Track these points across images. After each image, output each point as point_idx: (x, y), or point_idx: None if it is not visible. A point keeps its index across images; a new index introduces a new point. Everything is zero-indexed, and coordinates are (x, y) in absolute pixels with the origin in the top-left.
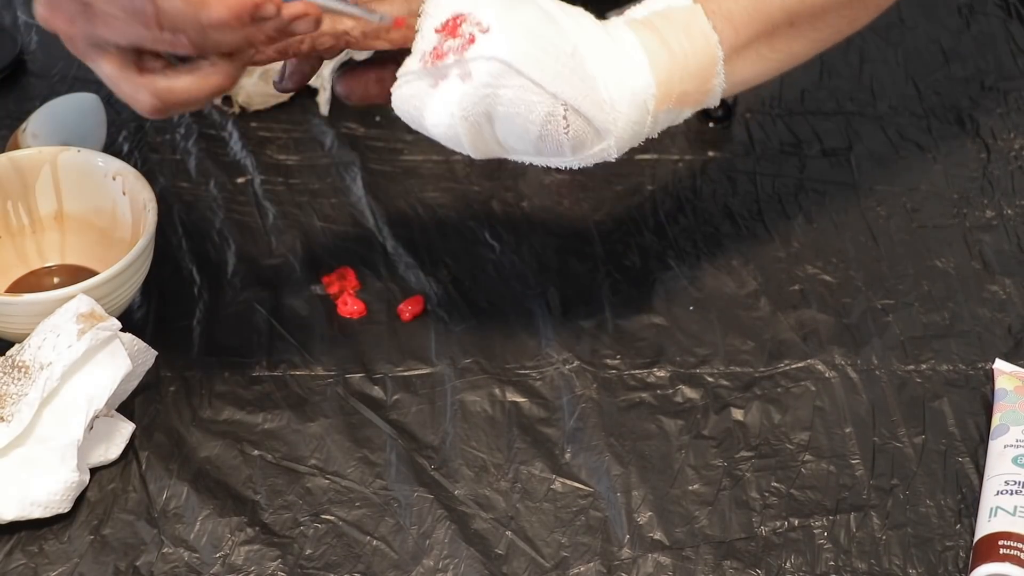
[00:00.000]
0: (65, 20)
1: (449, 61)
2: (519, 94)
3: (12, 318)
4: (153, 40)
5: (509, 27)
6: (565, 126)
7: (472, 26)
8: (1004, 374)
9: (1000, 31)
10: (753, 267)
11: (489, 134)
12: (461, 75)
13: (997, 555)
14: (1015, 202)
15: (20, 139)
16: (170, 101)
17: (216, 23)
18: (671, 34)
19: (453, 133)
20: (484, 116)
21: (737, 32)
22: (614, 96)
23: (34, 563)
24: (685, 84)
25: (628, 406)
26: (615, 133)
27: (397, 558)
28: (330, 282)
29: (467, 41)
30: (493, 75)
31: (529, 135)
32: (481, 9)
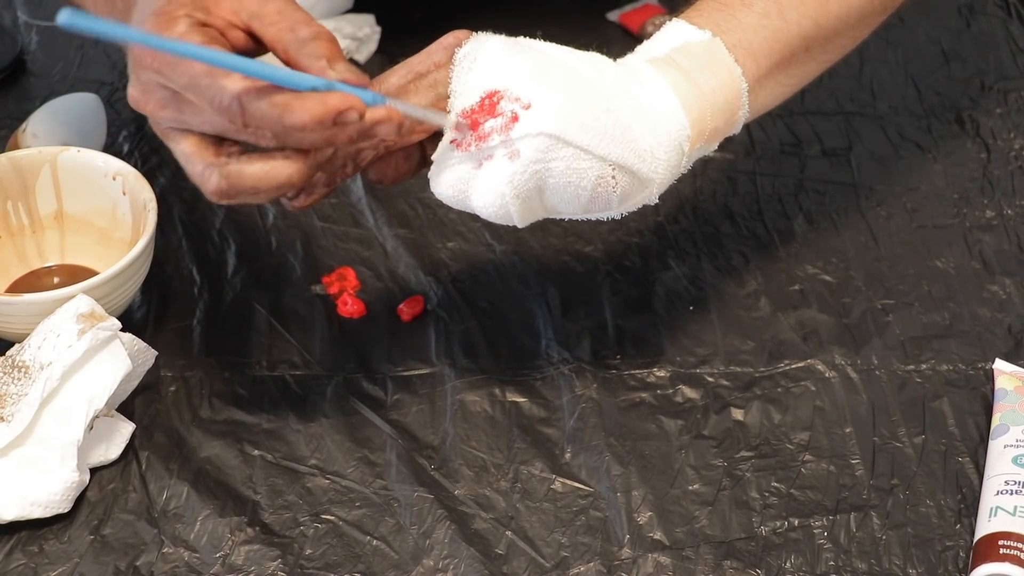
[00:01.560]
0: (156, 104)
1: (494, 142)
2: (570, 164)
3: (12, 318)
4: (236, 133)
5: (550, 99)
6: (614, 185)
7: (511, 103)
8: (1004, 374)
9: (1000, 31)
10: (753, 267)
11: (538, 205)
12: (509, 154)
13: (997, 555)
14: (1015, 202)
15: (20, 139)
16: (238, 186)
17: (299, 127)
18: (697, 71)
19: (504, 212)
20: (535, 190)
21: (758, 63)
22: (652, 144)
23: (34, 563)
24: (716, 120)
25: (628, 406)
26: (657, 181)
27: (397, 558)
28: (330, 282)
29: (510, 120)
30: (543, 150)
31: (580, 200)
32: (516, 84)
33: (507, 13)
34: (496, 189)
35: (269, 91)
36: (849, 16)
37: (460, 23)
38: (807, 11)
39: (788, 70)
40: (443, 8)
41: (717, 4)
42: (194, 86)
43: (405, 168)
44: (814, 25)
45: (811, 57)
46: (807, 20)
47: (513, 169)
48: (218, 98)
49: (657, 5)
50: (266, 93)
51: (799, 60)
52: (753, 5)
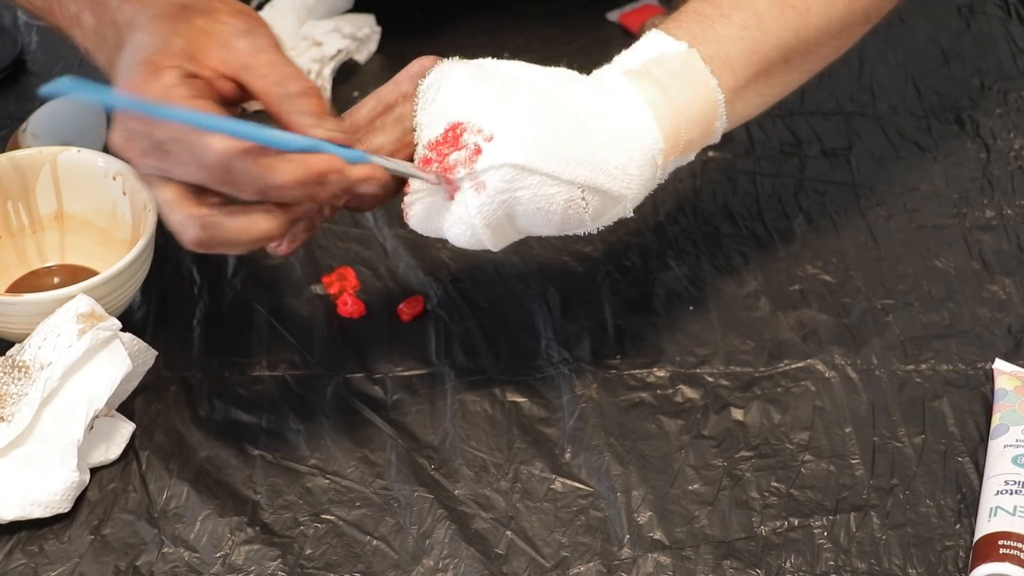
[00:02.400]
0: (138, 152)
1: (460, 175)
2: (537, 191)
3: (12, 318)
4: (219, 186)
5: (512, 128)
6: (584, 205)
7: (474, 135)
8: (1004, 374)
9: (1000, 31)
10: (753, 267)
11: (511, 229)
12: (475, 186)
13: (997, 555)
14: (1015, 202)
15: (20, 139)
16: (217, 238)
17: (281, 187)
18: (672, 84)
19: (476, 240)
20: (505, 218)
21: (736, 75)
22: (624, 161)
23: (34, 563)
24: (690, 132)
25: (628, 406)
26: (630, 196)
27: (397, 558)
28: (330, 282)
29: (473, 152)
30: (508, 180)
31: (552, 222)
32: (478, 115)
33: (507, 13)
34: (466, 220)
35: (254, 151)
36: (831, 27)
37: (460, 23)
38: (787, 23)
39: (767, 80)
40: (443, 8)
41: (696, 15)
42: (178, 141)
43: (382, 195)
44: (793, 36)
45: (792, 67)
46: (786, 32)
47: (480, 201)
48: (203, 156)
49: (657, 5)
50: (250, 154)
51: (779, 71)
52: (731, 16)
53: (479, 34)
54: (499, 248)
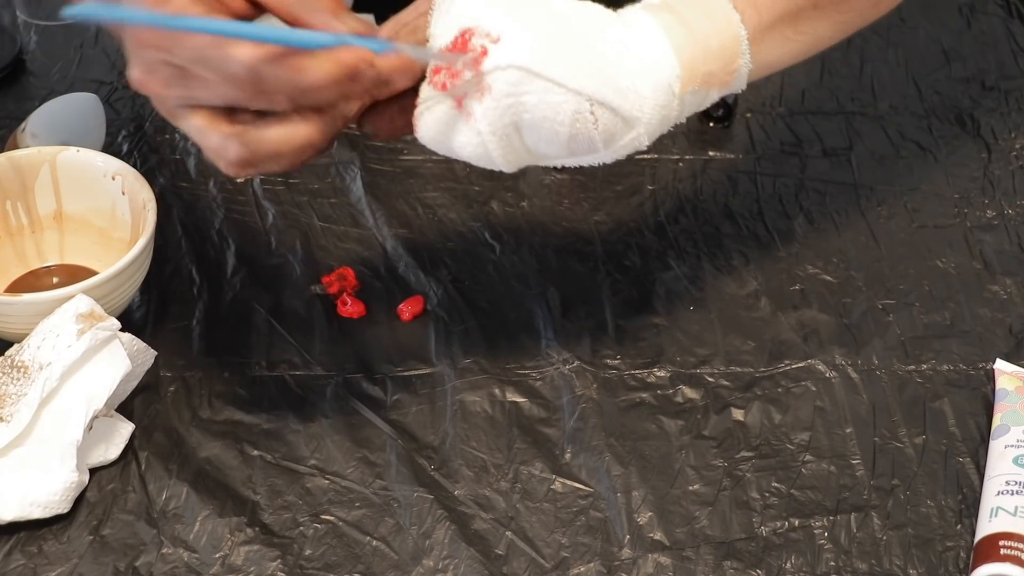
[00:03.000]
0: (161, 83)
1: (467, 77)
2: (542, 97)
3: (11, 318)
4: (250, 101)
5: (519, 32)
6: (594, 121)
7: (481, 38)
8: (1005, 374)
9: (1001, 31)
10: (753, 267)
11: (519, 144)
12: (480, 89)
13: (998, 555)
14: (1016, 202)
15: (19, 139)
16: (260, 152)
17: (315, 87)
18: (690, 15)
19: (483, 151)
20: (512, 127)
21: (760, 13)
22: (637, 82)
23: (33, 563)
24: (709, 64)
25: (628, 406)
26: (644, 120)
27: (397, 558)
28: (330, 282)
29: (479, 54)
30: (512, 83)
31: (559, 137)
32: (487, 20)
33: None
34: (473, 128)
35: (280, 55)
36: None
37: None
38: None
39: (796, 25)
40: None
41: None
42: (202, 59)
43: (401, 121)
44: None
45: (823, 15)
46: None
47: (486, 105)
48: (230, 69)
49: None
50: (278, 58)
51: (808, 16)
52: None
53: None
54: (511, 168)
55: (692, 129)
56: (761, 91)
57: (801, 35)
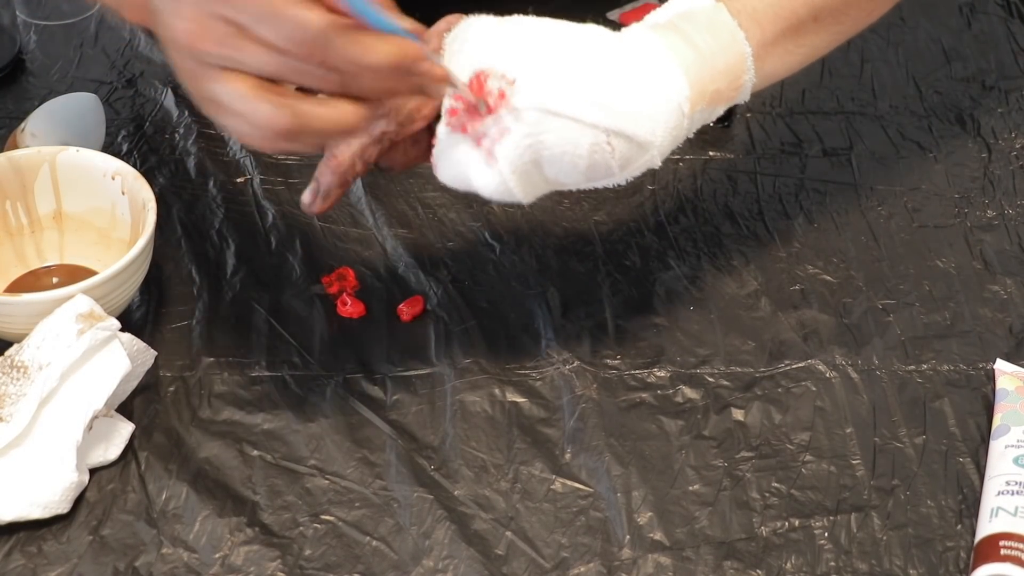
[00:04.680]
0: (214, 40)
1: (486, 121)
2: (562, 134)
3: (11, 318)
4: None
5: (535, 72)
6: (611, 150)
7: (497, 80)
8: (1005, 374)
9: (1001, 30)
10: (754, 267)
11: (538, 178)
12: (500, 131)
13: (998, 556)
14: (1016, 202)
15: (19, 139)
16: (308, 126)
17: (376, 66)
18: (696, 34)
19: (504, 188)
20: (532, 163)
21: (763, 29)
22: (650, 108)
23: (33, 564)
24: (717, 82)
25: (628, 406)
26: (656, 143)
27: (397, 558)
28: (330, 282)
29: (497, 97)
30: (532, 124)
31: (578, 168)
32: (501, 61)
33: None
34: (493, 167)
35: (352, 29)
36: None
37: None
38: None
39: (797, 39)
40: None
41: None
42: (271, 17)
43: (414, 153)
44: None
45: (821, 27)
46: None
47: (507, 145)
48: (300, 32)
49: (657, 4)
50: (349, 31)
51: (808, 29)
52: None
53: None
54: (529, 200)
55: None
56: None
57: (801, 47)
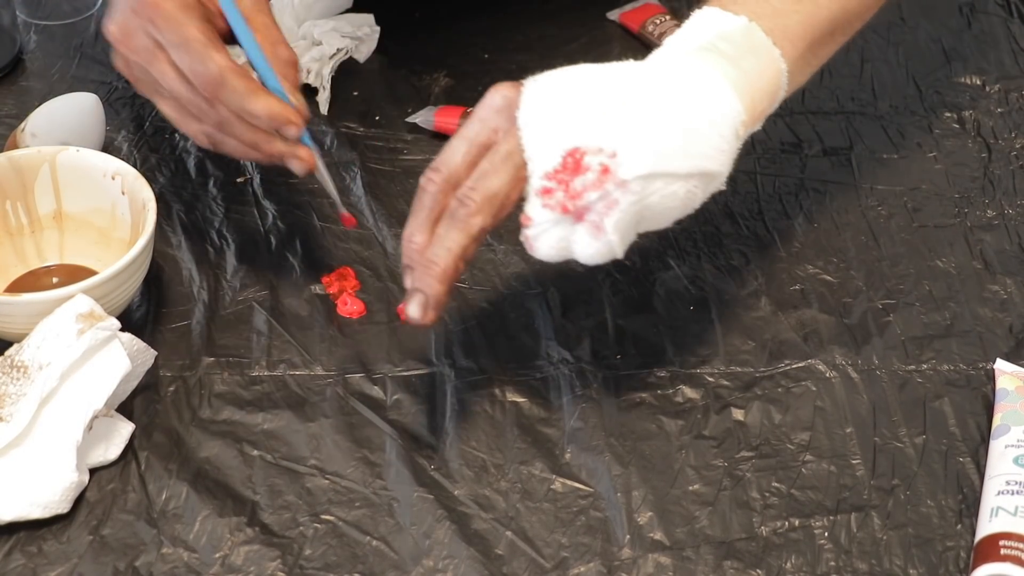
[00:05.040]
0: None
1: (592, 198)
2: (663, 192)
3: (11, 318)
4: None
5: (632, 141)
6: (697, 192)
7: (596, 156)
8: (1005, 374)
9: (1001, 30)
10: (754, 267)
11: (633, 234)
12: (607, 204)
13: (998, 555)
14: (1016, 202)
15: (19, 139)
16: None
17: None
18: (741, 57)
19: (608, 252)
20: (634, 224)
21: (794, 46)
22: (717, 140)
23: (33, 563)
24: (763, 102)
25: (628, 406)
26: (725, 172)
27: (397, 558)
28: (330, 282)
29: (601, 172)
30: (639, 192)
31: (673, 215)
32: (594, 136)
33: (507, 13)
34: (600, 238)
35: (246, 78)
36: None
37: (460, 23)
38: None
39: (817, 52)
40: (443, 8)
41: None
42: (183, 46)
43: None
44: (841, 9)
45: (834, 39)
46: (836, 4)
47: (616, 217)
48: (202, 66)
49: (657, 4)
50: (243, 79)
51: (826, 42)
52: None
53: (479, 34)
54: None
55: None
56: None
57: (818, 59)
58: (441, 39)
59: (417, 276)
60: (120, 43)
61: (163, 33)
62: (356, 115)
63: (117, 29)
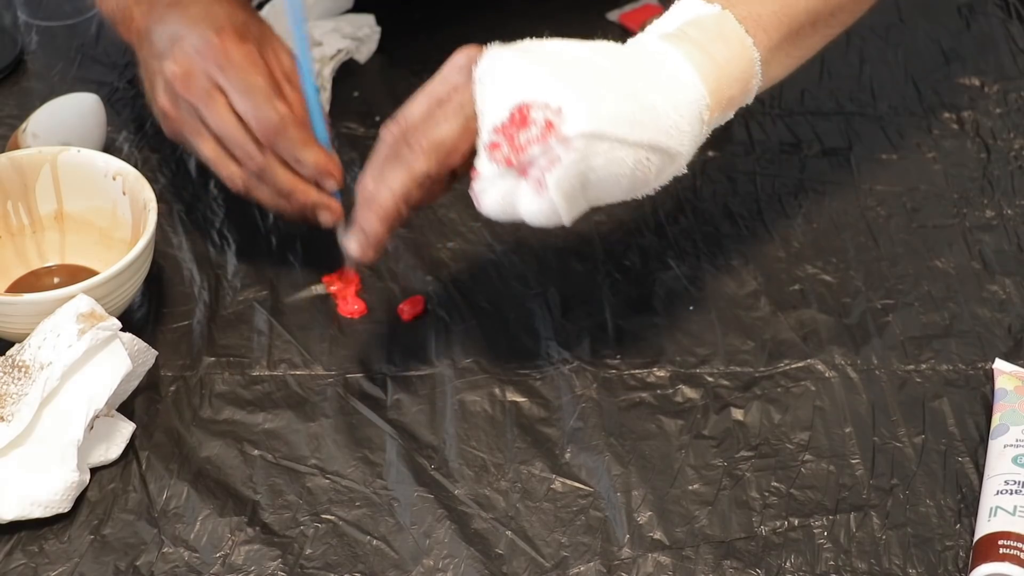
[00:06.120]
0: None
1: (535, 152)
2: (608, 156)
3: (12, 318)
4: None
5: (579, 98)
6: (649, 166)
7: (541, 111)
8: (1004, 374)
9: (1000, 31)
10: (753, 267)
11: (582, 200)
12: (550, 160)
13: (997, 555)
14: (1015, 202)
15: (20, 139)
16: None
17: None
18: (710, 43)
19: (552, 213)
20: (580, 188)
21: (769, 35)
22: (676, 119)
23: (34, 563)
24: (732, 89)
25: (628, 406)
26: (684, 153)
27: (397, 558)
28: (330, 282)
29: (544, 128)
30: (582, 150)
31: (621, 186)
32: (542, 92)
33: (507, 12)
34: (543, 196)
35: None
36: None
37: (460, 23)
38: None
39: (796, 43)
40: (443, 8)
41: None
42: (251, 93)
43: (439, 191)
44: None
45: (816, 31)
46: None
47: (557, 174)
48: (267, 113)
49: (657, 5)
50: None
51: (806, 33)
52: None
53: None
54: (572, 221)
55: None
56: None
57: (799, 51)
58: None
59: (359, 214)
60: (178, 82)
61: (228, 78)
62: (357, 115)
63: (179, 69)
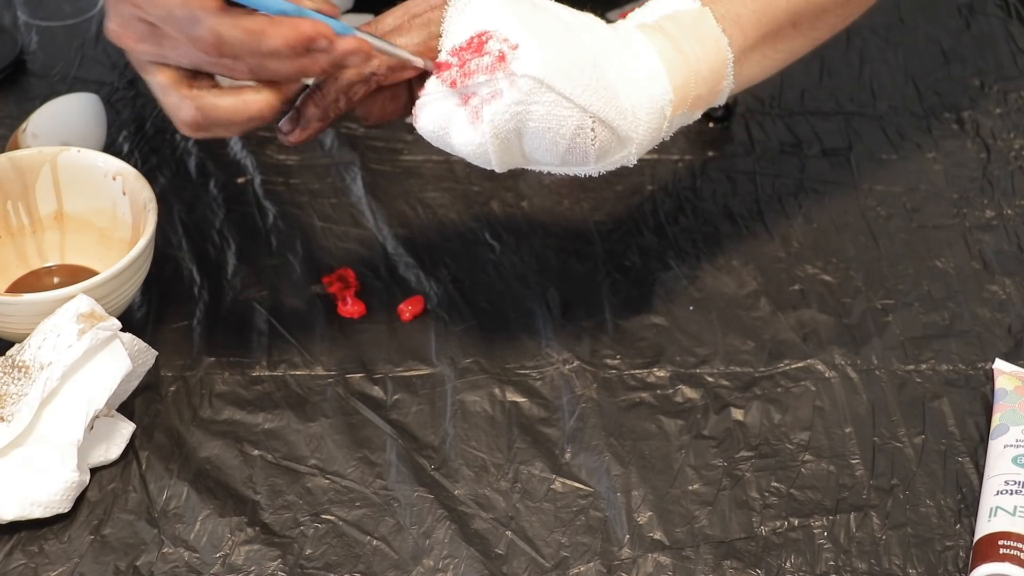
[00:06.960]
0: (134, 38)
1: (479, 80)
2: (550, 109)
3: (12, 318)
4: (212, 65)
5: (538, 43)
6: (592, 137)
7: (499, 43)
8: (1004, 374)
9: (1000, 31)
10: (753, 267)
11: (517, 149)
12: (492, 93)
13: (997, 555)
14: (1015, 202)
15: (20, 139)
16: (211, 118)
17: (272, 51)
18: (683, 39)
19: (482, 151)
20: (514, 132)
21: (745, 35)
22: (635, 104)
23: (34, 563)
24: (699, 88)
25: (628, 406)
26: (636, 140)
27: (397, 558)
28: (330, 282)
29: (496, 59)
30: (526, 92)
31: (558, 148)
32: (506, 26)
33: None
34: (477, 128)
35: (243, 18)
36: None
37: None
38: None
39: (775, 44)
40: None
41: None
42: (171, 18)
43: (392, 107)
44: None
45: (799, 32)
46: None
47: (495, 108)
48: (194, 29)
49: None
50: (240, 20)
51: (787, 35)
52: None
53: None
54: (502, 169)
55: (692, 129)
56: (760, 91)
57: (779, 52)
58: None
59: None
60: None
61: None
62: None
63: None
